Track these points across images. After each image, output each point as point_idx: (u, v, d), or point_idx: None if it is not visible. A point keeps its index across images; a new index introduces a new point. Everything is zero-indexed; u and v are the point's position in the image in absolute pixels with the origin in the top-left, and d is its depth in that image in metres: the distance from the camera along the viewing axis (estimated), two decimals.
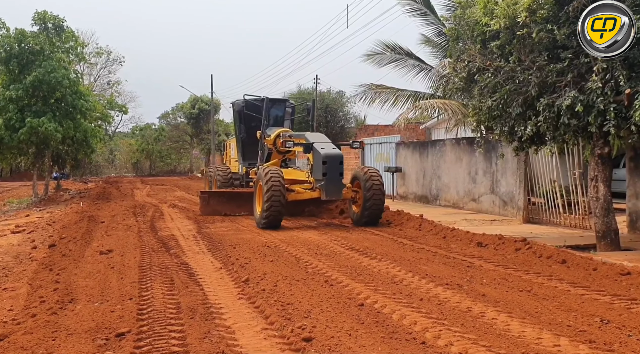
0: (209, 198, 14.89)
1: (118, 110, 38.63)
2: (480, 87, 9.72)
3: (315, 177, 12.16)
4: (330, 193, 11.96)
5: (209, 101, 49.38)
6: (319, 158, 11.98)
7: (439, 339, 4.48)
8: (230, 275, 7.17)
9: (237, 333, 4.76)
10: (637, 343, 4.42)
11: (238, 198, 14.66)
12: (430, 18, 19.99)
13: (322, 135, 13.76)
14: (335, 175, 11.90)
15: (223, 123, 54.64)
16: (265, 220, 11.62)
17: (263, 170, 12.06)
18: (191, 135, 55.85)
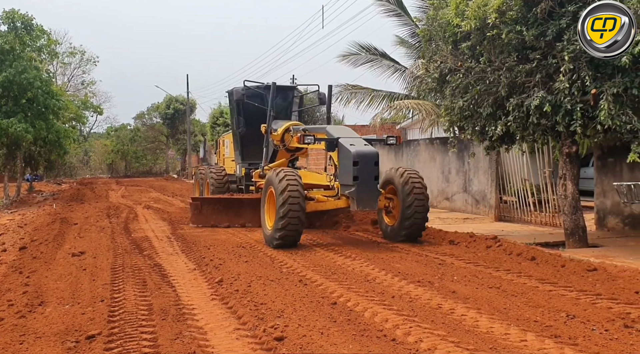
0: (202, 205, 12.32)
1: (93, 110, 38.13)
2: (452, 88, 9.87)
3: (342, 182, 9.43)
4: (363, 202, 9.14)
5: (184, 101, 49.00)
6: (348, 158, 9.17)
7: (409, 335, 4.55)
8: (204, 275, 7.15)
9: (209, 334, 4.76)
10: (600, 336, 4.54)
11: (237, 206, 12.29)
12: (404, 19, 20.17)
13: (348, 129, 11.06)
14: (369, 180, 9.12)
15: (199, 124, 54.27)
16: (280, 240, 8.98)
17: (276, 173, 9.37)
18: (167, 135, 55.35)
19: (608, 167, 11.20)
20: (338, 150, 9.54)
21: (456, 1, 9.39)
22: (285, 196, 8.93)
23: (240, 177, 13.88)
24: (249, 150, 13.58)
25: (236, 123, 13.79)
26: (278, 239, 8.97)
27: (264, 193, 10.00)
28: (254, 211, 11.37)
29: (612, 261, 7.39)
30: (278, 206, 9.00)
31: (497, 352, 4.19)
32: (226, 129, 32.08)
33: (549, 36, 8.26)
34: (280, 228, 8.89)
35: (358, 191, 9.04)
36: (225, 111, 33.58)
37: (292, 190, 8.97)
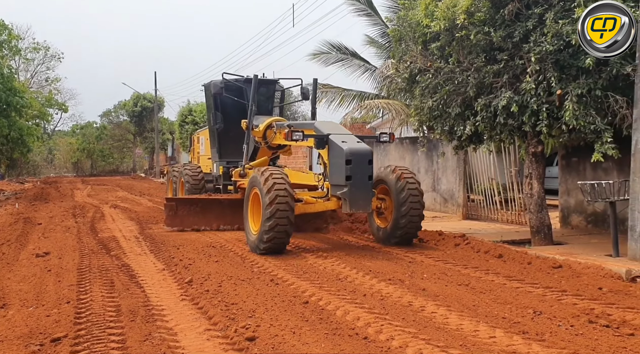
0: (177, 206, 11.45)
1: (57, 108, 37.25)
2: (422, 88, 9.97)
3: (333, 182, 8.73)
4: (356, 204, 8.44)
5: (152, 98, 48.30)
6: (339, 156, 8.49)
7: (380, 333, 4.58)
8: (173, 276, 7.06)
9: (179, 335, 4.70)
10: (566, 332, 4.65)
11: (216, 207, 11.53)
12: (375, 19, 20.29)
13: (338, 125, 10.38)
14: (362, 180, 8.42)
15: (167, 122, 53.56)
16: (267, 244, 8.28)
17: (260, 172, 8.65)
18: (134, 133, 54.49)
19: (572, 166, 11.48)
20: (328, 147, 8.81)
21: (426, 2, 9.48)
22: (272, 195, 8.20)
23: (218, 176, 13.09)
24: (227, 147, 12.79)
25: (213, 119, 12.98)
26: (265, 242, 8.24)
27: (247, 194, 9.17)
28: (235, 213, 10.88)
29: (576, 258, 7.58)
30: (264, 207, 8.29)
31: (467, 349, 4.25)
32: (195, 127, 31.76)
33: (516, 37, 8.42)
34: (268, 229, 8.16)
35: (351, 192, 8.36)
36: (194, 109, 33.23)
37: (279, 188, 8.28)
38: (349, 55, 21.09)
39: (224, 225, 11.33)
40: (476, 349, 4.25)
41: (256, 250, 8.48)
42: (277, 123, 10.72)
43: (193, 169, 13.66)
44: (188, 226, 11.23)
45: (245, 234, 9.08)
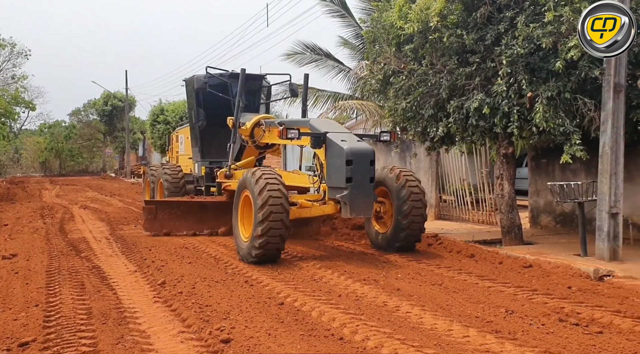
0: (157, 209, 10.66)
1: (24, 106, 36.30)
2: (395, 89, 10.05)
3: (331, 184, 8.04)
4: (357, 208, 7.76)
5: (123, 97, 47.55)
6: (339, 156, 7.83)
7: (356, 334, 4.59)
8: (146, 277, 6.96)
9: (153, 337, 4.64)
10: (538, 331, 4.74)
11: (198, 210, 10.73)
12: (348, 20, 20.36)
13: (335, 123, 9.77)
14: (364, 182, 7.78)
15: (138, 121, 52.78)
16: (260, 250, 7.53)
17: (252, 173, 7.97)
18: (104, 133, 53.54)
19: (541, 167, 11.70)
20: (326, 146, 8.11)
21: (399, 4, 9.56)
22: (264, 196, 7.54)
23: (199, 176, 12.37)
24: (210, 146, 12.13)
25: (195, 116, 12.26)
26: (258, 248, 7.47)
27: (237, 197, 8.43)
28: (219, 217, 10.39)
29: (546, 257, 7.73)
30: (256, 209, 7.60)
31: (441, 348, 4.29)
32: (167, 127, 31.38)
33: (488, 40, 8.55)
34: (261, 234, 7.42)
35: (351, 195, 7.67)
36: (166, 108, 32.80)
37: (272, 188, 7.64)
38: (323, 56, 21.12)
39: (207, 230, 10.65)
40: (450, 348, 4.30)
41: (248, 258, 7.71)
42: (266, 121, 10.01)
43: (173, 170, 12.88)
44: (169, 231, 10.48)
45: (235, 242, 8.27)
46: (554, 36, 7.73)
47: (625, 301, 5.69)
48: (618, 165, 7.70)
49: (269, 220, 7.47)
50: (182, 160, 13.98)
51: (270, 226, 7.47)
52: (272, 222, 7.48)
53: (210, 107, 11.98)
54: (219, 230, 10.54)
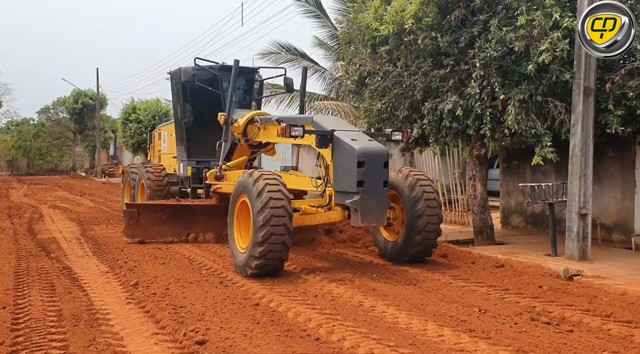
0: (140, 213, 9.64)
1: None
2: (371, 90, 10.10)
3: (339, 188, 7.21)
4: (369, 215, 6.92)
5: (94, 95, 46.70)
6: (349, 157, 7.00)
7: (332, 334, 4.60)
8: (118, 279, 6.85)
9: (126, 339, 4.57)
10: (510, 330, 4.81)
11: (186, 214, 9.81)
12: (324, 21, 20.38)
13: (341, 120, 9.05)
14: (377, 186, 6.97)
15: (110, 120, 51.91)
16: (260, 260, 6.69)
17: (251, 177, 7.12)
18: (74, 131, 52.50)
19: (513, 169, 11.89)
20: (333, 146, 7.31)
21: (375, 5, 9.61)
22: (264, 198, 6.74)
23: (185, 177, 11.47)
24: (197, 145, 11.26)
25: (181, 112, 11.32)
26: (258, 258, 6.68)
27: (233, 204, 7.60)
28: (208, 222, 9.64)
29: (517, 257, 7.86)
30: (255, 214, 6.79)
31: (416, 348, 4.33)
32: (139, 126, 30.90)
33: (462, 43, 8.66)
34: (261, 241, 6.62)
35: (363, 200, 6.84)
36: (138, 107, 32.30)
37: (273, 190, 6.82)
38: (298, 56, 21.08)
39: (195, 235, 9.69)
40: (425, 348, 4.34)
41: (246, 270, 6.88)
42: (262, 118, 9.14)
43: (156, 169, 11.86)
44: (152, 237, 9.52)
45: (232, 254, 7.44)
46: (526, 40, 7.87)
47: (594, 300, 5.83)
48: (587, 166, 7.88)
49: (270, 225, 6.63)
50: (165, 160, 13.07)
51: (272, 231, 6.61)
52: (273, 227, 6.63)
53: (198, 102, 11.15)
54: (206, 236, 9.70)
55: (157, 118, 30.95)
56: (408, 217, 7.71)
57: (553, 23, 7.68)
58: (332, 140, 7.34)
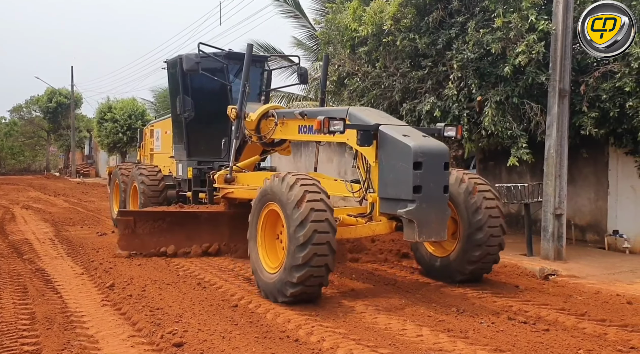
0: (137, 222, 8.30)
1: None
2: (350, 91, 10.13)
3: (386, 195, 5.97)
4: (427, 228, 5.70)
5: (68, 94, 45.93)
6: (402, 157, 5.76)
7: (311, 335, 4.58)
8: (93, 280, 6.73)
9: (101, 342, 4.48)
10: (488, 329, 4.85)
11: (190, 223, 8.43)
12: (302, 21, 20.36)
13: (381, 112, 7.43)
14: (437, 193, 5.78)
15: (85, 119, 51.09)
16: (299, 286, 5.42)
17: (281, 178, 5.86)
18: (48, 130, 51.56)
19: (489, 169, 12.01)
20: (378, 144, 6.04)
21: (354, 6, 9.64)
22: (304, 210, 5.38)
23: (183, 179, 10.17)
24: (199, 143, 9.94)
25: (181, 105, 9.89)
26: (296, 284, 5.38)
27: (256, 212, 6.23)
28: (215, 232, 8.38)
29: None
30: (293, 229, 5.41)
31: (396, 348, 4.34)
32: (115, 125, 30.44)
33: (440, 45, 8.73)
34: (302, 263, 5.30)
35: (420, 210, 5.63)
36: (114, 106, 31.85)
37: (318, 219, 5.38)
38: (276, 56, 21.01)
39: (201, 247, 8.31)
40: (404, 348, 4.35)
41: (276, 296, 5.59)
42: (278, 112, 7.92)
43: (150, 171, 10.23)
44: (151, 249, 8.21)
45: (254, 273, 6.11)
46: (503, 42, 7.97)
47: (569, 300, 5.92)
48: (562, 167, 8.00)
49: (312, 243, 5.33)
50: (159, 159, 11.68)
51: (314, 251, 5.33)
52: (316, 246, 5.34)
53: (200, 95, 9.84)
54: (213, 247, 8.31)
55: (134, 117, 30.57)
56: (464, 229, 6.39)
57: (529, 25, 7.79)
58: (376, 136, 6.05)
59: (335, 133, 6.14)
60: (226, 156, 8.78)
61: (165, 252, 8.16)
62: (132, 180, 10.54)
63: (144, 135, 13.26)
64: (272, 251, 6.11)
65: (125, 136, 30.26)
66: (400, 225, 6.00)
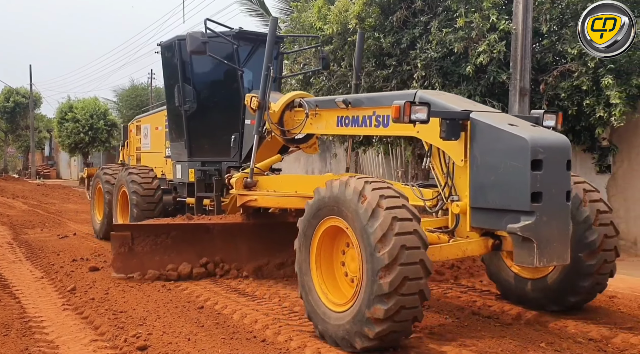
0: (134, 238, 6.72)
1: None
2: (316, 90, 10.12)
3: (481, 204, 4.59)
4: (548, 249, 4.27)
5: (26, 93, 44.68)
6: (513, 153, 4.34)
7: (279, 335, 4.56)
8: (54, 284, 6.56)
9: (62, 348, 4.37)
10: (453, 324, 4.92)
11: (200, 238, 6.84)
12: (267, 20, 20.24)
13: (459, 96, 6.24)
14: (559, 202, 4.38)
15: (44, 119, 49.79)
16: (385, 326, 4.01)
17: (347, 184, 4.37)
18: (5, 131, 50.03)
19: None
20: (471, 136, 4.59)
21: (318, 5, 9.65)
22: (393, 247, 3.94)
23: (179, 183, 8.88)
24: (203, 140, 8.50)
25: (180, 96, 8.32)
26: (374, 339, 4.05)
27: (309, 233, 4.69)
28: (231, 248, 6.88)
29: None
30: (375, 266, 3.97)
31: None
32: (77, 125, 29.69)
33: (404, 44, 8.82)
34: (384, 317, 3.95)
35: (541, 224, 4.24)
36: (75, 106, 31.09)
37: (405, 231, 4.01)
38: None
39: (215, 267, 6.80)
40: None
41: (353, 341, 4.15)
42: (309, 100, 6.44)
43: (144, 174, 8.71)
44: (153, 270, 6.64)
45: (310, 316, 4.64)
46: (465, 41, 8.09)
47: None
48: None
49: (401, 263, 3.92)
50: (148, 160, 10.24)
51: (405, 274, 3.92)
52: (405, 267, 3.93)
53: (203, 83, 8.53)
54: (243, 270, 6.80)
55: (96, 117, 29.92)
56: (572, 251, 4.61)
57: (490, 25, 7.93)
58: (465, 126, 4.63)
59: (416, 122, 4.56)
60: (236, 155, 7.77)
61: (175, 275, 6.61)
62: (120, 185, 9.05)
63: (128, 132, 11.75)
64: (331, 281, 4.66)
65: (87, 136, 29.60)
66: (498, 243, 4.70)
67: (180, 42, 8.22)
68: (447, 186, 4.84)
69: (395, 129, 5.15)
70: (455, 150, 4.70)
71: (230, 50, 7.92)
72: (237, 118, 7.80)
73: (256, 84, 7.46)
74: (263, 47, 7.28)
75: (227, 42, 7.83)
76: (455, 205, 4.72)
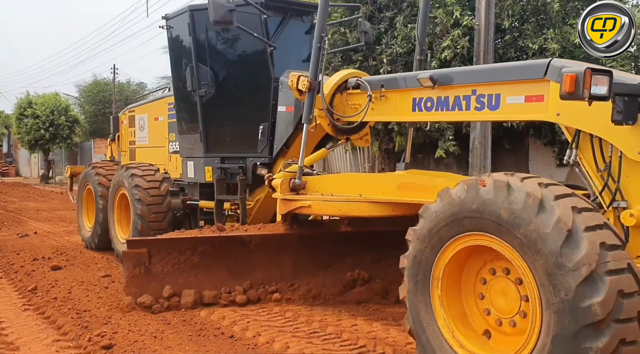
0: (151, 255, 5.25)
1: None
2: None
3: None
4: None
5: None
6: None
7: (247, 331, 4.54)
8: (13, 284, 6.38)
9: (22, 349, 4.26)
10: None
11: (234, 253, 5.44)
12: None
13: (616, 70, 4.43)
14: None
15: (2, 115, 48.31)
16: None
17: (509, 185, 2.98)
18: None
19: (418, 162, 12.34)
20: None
21: None
22: (609, 293, 2.65)
23: (189, 184, 7.47)
24: (222, 131, 7.03)
25: (193, 79, 6.84)
26: None
27: (431, 255, 3.37)
28: (273, 265, 5.50)
29: None
30: (578, 322, 2.68)
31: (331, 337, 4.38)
32: (37, 121, 28.80)
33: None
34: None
35: None
36: (34, 101, 30.18)
37: (618, 267, 2.74)
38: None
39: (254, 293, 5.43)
40: (339, 338, 4.39)
41: None
42: (369, 80, 5.21)
43: (149, 176, 7.10)
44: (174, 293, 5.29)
45: None
46: (430, 37, 8.18)
47: None
48: (486, 158, 8.34)
49: (617, 319, 2.69)
50: (145, 156, 8.63)
51: (622, 335, 2.70)
52: (622, 324, 2.69)
53: (222, 62, 7.10)
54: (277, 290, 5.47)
55: (56, 113, 29.12)
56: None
57: (454, 21, 8.05)
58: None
59: (592, 99, 3.51)
60: (265, 149, 6.49)
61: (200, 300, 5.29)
62: (117, 189, 7.51)
63: (120, 123, 9.88)
64: (461, 319, 3.38)
65: (48, 133, 28.79)
66: None
67: (193, 14, 6.77)
68: (615, 191, 3.57)
69: (516, 111, 4.01)
70: (627, 139, 3.58)
71: (256, 22, 6.43)
72: (266, 104, 6.51)
73: (287, 64, 6.46)
74: (295, 19, 6.58)
75: (252, 12, 6.39)
76: (629, 214, 3.43)
